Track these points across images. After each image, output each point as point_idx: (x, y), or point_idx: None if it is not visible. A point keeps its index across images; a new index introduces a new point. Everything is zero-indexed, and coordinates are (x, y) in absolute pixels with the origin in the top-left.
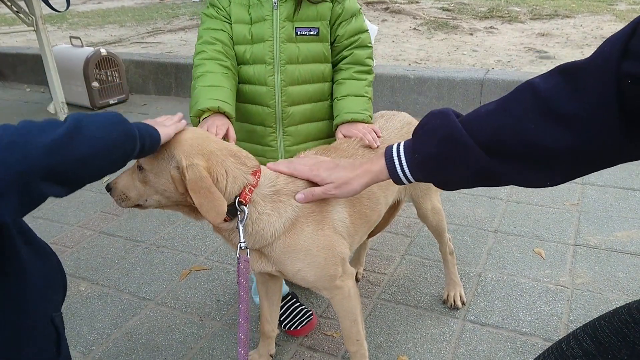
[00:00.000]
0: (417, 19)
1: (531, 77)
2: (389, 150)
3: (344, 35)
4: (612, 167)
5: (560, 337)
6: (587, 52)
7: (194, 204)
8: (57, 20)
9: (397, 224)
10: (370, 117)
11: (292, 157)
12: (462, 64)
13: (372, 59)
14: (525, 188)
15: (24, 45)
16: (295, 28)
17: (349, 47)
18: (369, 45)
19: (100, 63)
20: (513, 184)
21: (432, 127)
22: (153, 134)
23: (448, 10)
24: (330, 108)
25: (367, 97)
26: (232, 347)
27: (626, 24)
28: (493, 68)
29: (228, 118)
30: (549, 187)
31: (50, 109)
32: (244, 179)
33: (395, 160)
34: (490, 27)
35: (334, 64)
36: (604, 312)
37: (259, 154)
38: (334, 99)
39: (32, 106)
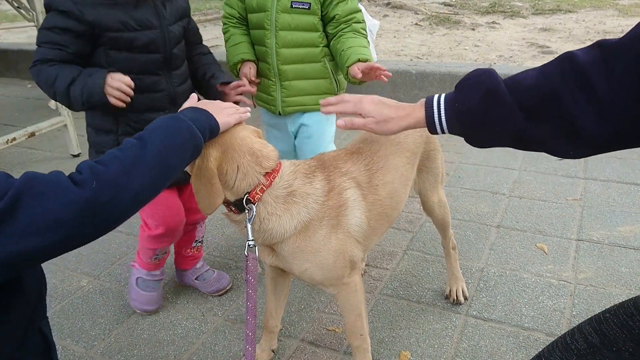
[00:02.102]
0: (418, 14)
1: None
2: (429, 98)
3: (341, 14)
4: (615, 163)
5: (564, 332)
6: None
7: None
8: None
9: (399, 220)
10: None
11: (288, 107)
12: (464, 59)
13: (366, 31)
14: (528, 183)
15: (25, 41)
16: (292, 1)
17: (347, 23)
18: (362, 21)
19: None
20: (541, 150)
21: (477, 81)
22: (213, 128)
23: (450, 5)
24: (324, 69)
25: (367, 47)
26: (234, 342)
27: (629, 18)
28: (495, 63)
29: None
30: (553, 182)
31: (51, 105)
32: (256, 178)
33: (434, 108)
34: (492, 22)
35: (333, 37)
36: (608, 306)
37: (264, 101)
38: (340, 53)
39: (33, 102)
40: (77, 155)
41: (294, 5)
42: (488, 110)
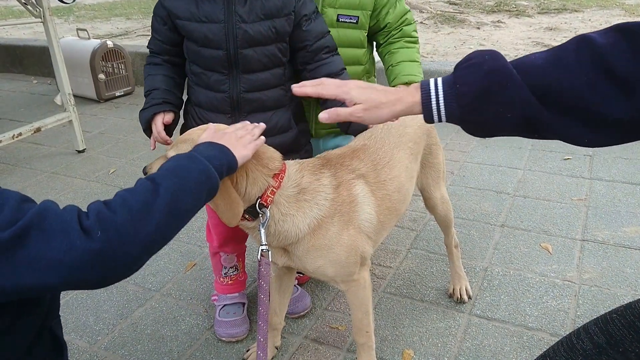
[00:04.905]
0: (423, 12)
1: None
2: (425, 82)
3: (393, 22)
4: (621, 163)
5: (568, 332)
6: None
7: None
8: (65, 13)
9: (402, 218)
10: None
11: (322, 129)
12: None
13: (416, 32)
14: (532, 182)
15: (31, 37)
16: (338, 15)
17: (397, 28)
18: (413, 22)
19: (107, 55)
20: (553, 138)
21: (480, 61)
22: (232, 165)
23: (455, 4)
24: None
25: (418, 62)
26: (236, 340)
27: (635, 18)
28: None
29: None
30: (558, 181)
31: (57, 100)
32: (265, 181)
33: (432, 91)
34: (498, 21)
35: (383, 44)
36: (614, 307)
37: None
38: (389, 67)
39: (39, 98)
40: (82, 151)
41: (340, 19)
42: (494, 91)
